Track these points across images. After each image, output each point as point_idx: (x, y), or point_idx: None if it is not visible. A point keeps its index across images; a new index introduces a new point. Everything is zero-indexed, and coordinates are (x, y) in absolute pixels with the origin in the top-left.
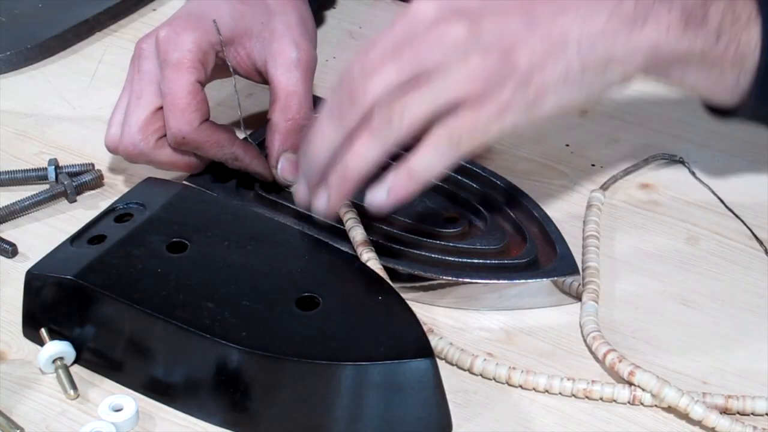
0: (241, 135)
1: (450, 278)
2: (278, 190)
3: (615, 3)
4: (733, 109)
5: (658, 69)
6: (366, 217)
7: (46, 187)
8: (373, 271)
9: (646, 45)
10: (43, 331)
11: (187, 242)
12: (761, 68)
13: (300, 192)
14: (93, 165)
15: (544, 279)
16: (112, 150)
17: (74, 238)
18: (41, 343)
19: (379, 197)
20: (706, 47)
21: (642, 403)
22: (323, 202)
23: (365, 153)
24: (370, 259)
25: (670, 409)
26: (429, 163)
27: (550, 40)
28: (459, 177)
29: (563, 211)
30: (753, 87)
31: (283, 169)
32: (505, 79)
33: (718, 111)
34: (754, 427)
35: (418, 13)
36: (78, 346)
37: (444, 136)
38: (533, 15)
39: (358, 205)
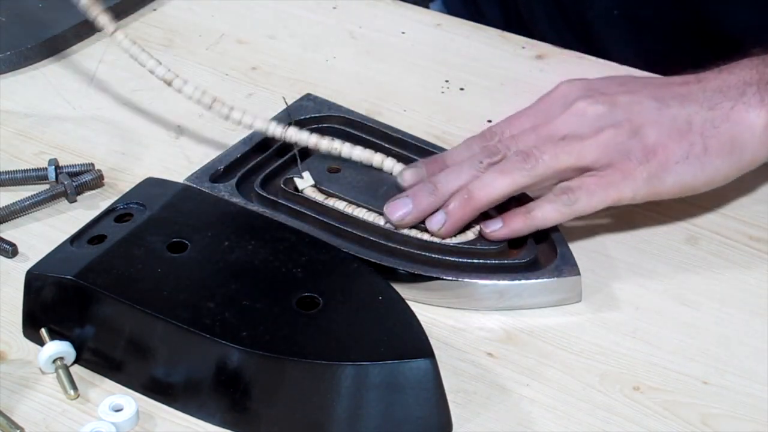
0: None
1: (450, 278)
2: (277, 190)
3: (738, 93)
4: None
5: None
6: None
7: (46, 187)
8: (373, 271)
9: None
10: (43, 331)
11: (187, 242)
12: None
13: (406, 209)
14: (93, 165)
15: (544, 279)
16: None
17: (74, 238)
18: (41, 343)
19: (493, 227)
20: None
21: None
22: (440, 221)
23: (493, 185)
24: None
25: (670, 409)
26: (544, 214)
27: (676, 121)
28: None
29: None
30: None
31: (407, 175)
32: (631, 152)
33: None
34: None
35: (562, 91)
36: (78, 346)
37: (563, 193)
38: (663, 100)
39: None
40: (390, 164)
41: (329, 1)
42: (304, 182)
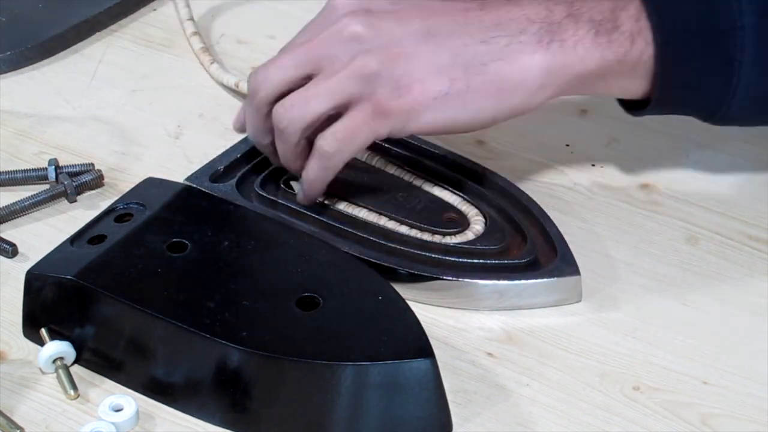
0: None
1: (450, 278)
2: (277, 190)
3: (518, 28)
4: (643, 104)
5: (575, 88)
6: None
7: (46, 187)
8: (373, 271)
9: (550, 66)
10: (43, 331)
11: (187, 242)
12: (657, 56)
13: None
14: (93, 165)
15: (544, 279)
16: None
17: (74, 238)
18: (41, 343)
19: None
20: (620, 54)
21: None
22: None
23: (281, 153)
24: None
25: (670, 409)
26: (314, 175)
27: (438, 55)
28: (459, 177)
29: (563, 211)
30: (654, 80)
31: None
32: (384, 85)
33: (630, 106)
34: None
35: (334, 4)
36: (78, 346)
37: (322, 146)
38: (431, 28)
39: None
40: None
41: None
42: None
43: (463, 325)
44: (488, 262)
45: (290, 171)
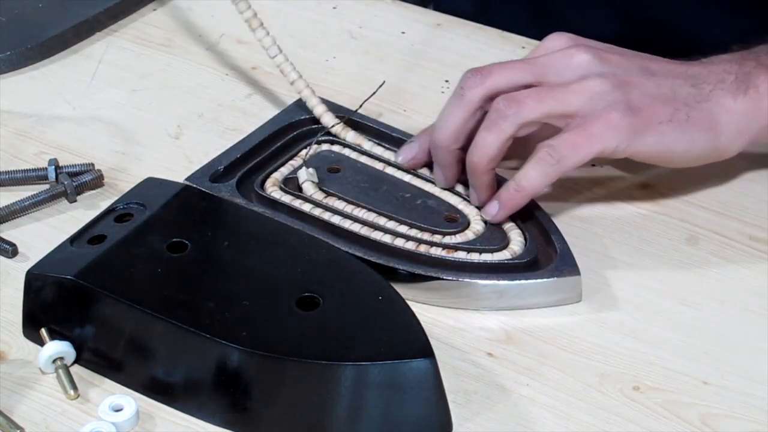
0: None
1: (450, 278)
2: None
3: (717, 79)
4: None
5: (765, 134)
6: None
7: (46, 187)
8: (373, 271)
9: (751, 110)
10: (43, 331)
11: (187, 242)
12: None
13: (435, 173)
14: (93, 165)
15: (544, 279)
16: None
17: (74, 238)
18: (41, 343)
19: (492, 210)
20: None
21: None
22: (441, 179)
23: (484, 144)
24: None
25: (670, 409)
26: (533, 178)
27: (661, 88)
28: (459, 177)
29: (563, 211)
30: None
31: (407, 153)
32: (616, 103)
33: None
34: None
35: (550, 41)
36: (78, 346)
37: (549, 151)
38: (649, 68)
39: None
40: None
41: (329, 1)
42: (308, 175)
43: (463, 325)
44: (488, 262)
45: (472, 184)
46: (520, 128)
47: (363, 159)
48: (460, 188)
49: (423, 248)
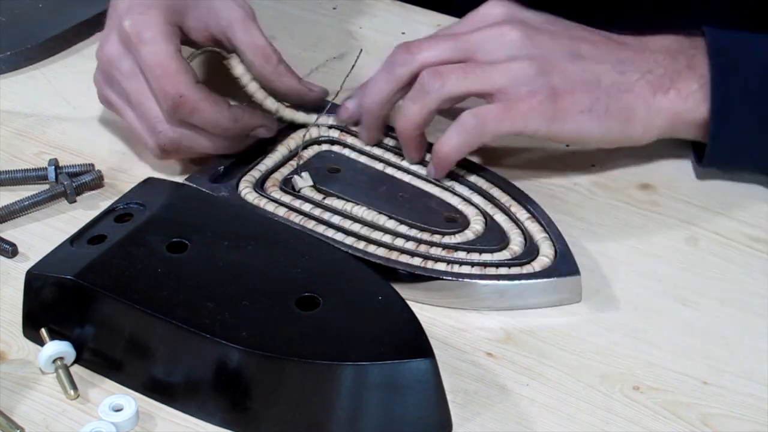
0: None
1: (450, 278)
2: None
3: (647, 68)
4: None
5: (677, 131)
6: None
7: (46, 187)
8: (373, 271)
9: (666, 110)
10: (43, 331)
11: (187, 242)
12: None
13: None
14: (93, 165)
15: (544, 279)
16: (164, 155)
17: (74, 238)
18: (41, 343)
19: (430, 172)
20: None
21: None
22: (365, 138)
23: (409, 114)
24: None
25: (670, 409)
26: (453, 142)
27: (585, 74)
28: (459, 177)
29: (563, 211)
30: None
31: (344, 111)
32: (539, 89)
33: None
34: None
35: (486, 11)
36: (78, 346)
37: (471, 119)
38: (579, 51)
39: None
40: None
41: (329, 1)
42: (303, 182)
43: (463, 325)
44: (488, 262)
45: (402, 144)
46: (443, 102)
47: (363, 159)
48: (460, 188)
49: (423, 248)
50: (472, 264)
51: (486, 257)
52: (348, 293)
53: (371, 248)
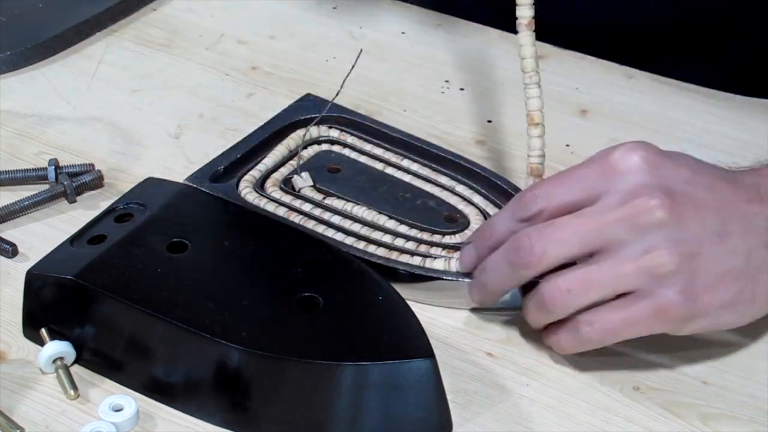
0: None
1: (450, 278)
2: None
3: None
4: None
5: None
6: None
7: (46, 187)
8: (373, 271)
9: None
10: (43, 331)
11: (187, 242)
12: None
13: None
14: (93, 165)
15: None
16: None
17: (74, 238)
18: (41, 343)
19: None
20: None
21: None
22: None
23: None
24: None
25: (670, 409)
26: (568, 345)
27: (733, 258)
28: (459, 177)
29: None
30: None
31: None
32: (674, 285)
33: None
34: None
35: (624, 162)
36: (78, 346)
37: (586, 326)
38: (725, 226)
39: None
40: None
41: (329, 1)
42: (303, 182)
43: (463, 325)
44: None
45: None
46: (570, 314)
47: (363, 159)
48: (460, 188)
49: (423, 248)
50: None
51: None
52: (348, 293)
53: (371, 248)
